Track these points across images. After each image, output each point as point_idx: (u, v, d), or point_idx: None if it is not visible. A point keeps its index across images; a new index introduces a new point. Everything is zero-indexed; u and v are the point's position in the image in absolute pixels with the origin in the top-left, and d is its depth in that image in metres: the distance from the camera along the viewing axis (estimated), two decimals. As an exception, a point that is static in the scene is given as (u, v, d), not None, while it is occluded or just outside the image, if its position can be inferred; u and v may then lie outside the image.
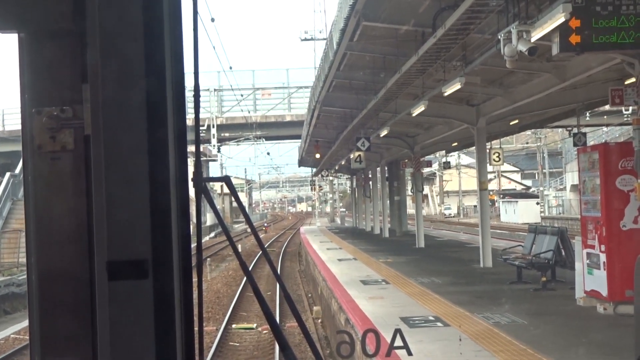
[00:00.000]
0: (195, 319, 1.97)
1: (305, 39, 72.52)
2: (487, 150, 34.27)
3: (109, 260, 1.75)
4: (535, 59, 16.34)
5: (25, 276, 2.10)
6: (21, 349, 20.00)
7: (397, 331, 11.14)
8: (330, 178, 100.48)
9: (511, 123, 31.19)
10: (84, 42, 1.84)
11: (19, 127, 1.96)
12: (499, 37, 13.17)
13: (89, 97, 1.82)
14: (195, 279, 2.05)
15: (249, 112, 63.96)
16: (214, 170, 75.67)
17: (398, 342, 8.34)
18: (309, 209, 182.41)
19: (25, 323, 22.44)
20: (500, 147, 41.18)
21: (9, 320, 28.57)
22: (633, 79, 16.12)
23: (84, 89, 1.86)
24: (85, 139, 1.87)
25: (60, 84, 1.90)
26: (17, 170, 51.45)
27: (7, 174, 53.13)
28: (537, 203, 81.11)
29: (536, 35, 12.39)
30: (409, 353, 9.25)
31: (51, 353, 1.90)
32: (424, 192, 60.69)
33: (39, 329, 1.90)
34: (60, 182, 1.90)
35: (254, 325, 22.90)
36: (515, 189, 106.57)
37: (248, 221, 2.51)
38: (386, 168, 51.56)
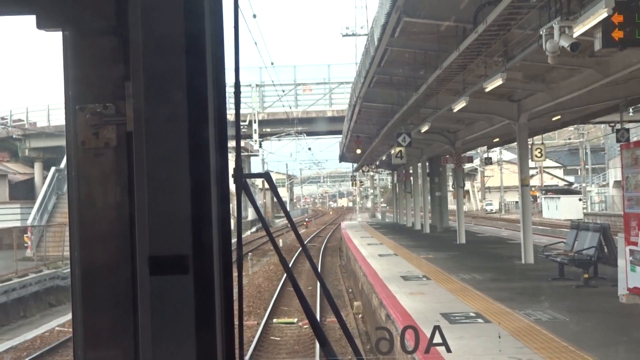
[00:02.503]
0: (236, 313, 1.99)
1: (347, 35, 72.64)
2: (529, 146, 34.03)
3: (151, 255, 1.78)
4: (577, 54, 16.20)
5: (69, 269, 2.11)
6: (66, 341, 20.29)
7: (436, 328, 11.13)
8: (371, 173, 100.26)
9: (553, 119, 30.93)
10: (126, 39, 1.86)
11: (64, 122, 1.99)
12: (541, 32, 13.11)
13: (131, 93, 1.84)
14: (235, 274, 2.07)
15: (290, 108, 64.09)
16: (255, 165, 75.93)
17: (437, 339, 8.34)
18: (350, 204, 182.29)
19: (69, 316, 22.74)
20: (542, 142, 40.83)
21: (53, 312, 29.01)
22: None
23: (127, 86, 1.88)
24: (127, 135, 1.90)
25: (103, 81, 1.92)
26: (62, 164, 51.94)
27: (52, 169, 53.73)
28: (580, 199, 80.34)
29: (578, 30, 12.30)
30: (448, 350, 9.25)
31: (94, 346, 1.93)
32: (465, 188, 60.37)
33: (82, 322, 1.93)
34: (103, 178, 1.93)
35: (295, 320, 22.97)
36: (557, 185, 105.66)
37: (288, 218, 2.52)
38: (427, 164, 51.37)
